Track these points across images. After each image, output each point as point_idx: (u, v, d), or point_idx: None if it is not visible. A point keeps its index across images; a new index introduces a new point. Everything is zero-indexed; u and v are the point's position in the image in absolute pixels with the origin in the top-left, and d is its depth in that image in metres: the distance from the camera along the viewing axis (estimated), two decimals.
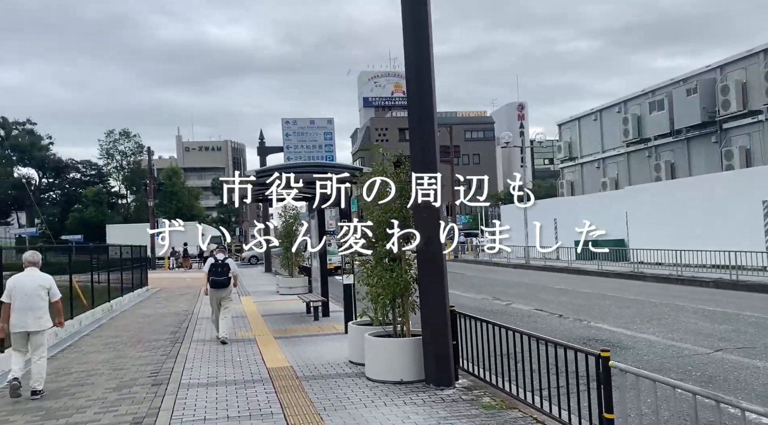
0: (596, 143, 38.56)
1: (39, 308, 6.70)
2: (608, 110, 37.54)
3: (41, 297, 6.73)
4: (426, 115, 6.86)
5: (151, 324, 12.63)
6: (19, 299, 6.61)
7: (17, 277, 6.84)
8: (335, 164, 10.43)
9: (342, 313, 13.07)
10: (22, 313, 6.61)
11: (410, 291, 7.11)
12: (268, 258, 32.60)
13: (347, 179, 10.45)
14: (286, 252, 18.83)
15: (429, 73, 6.86)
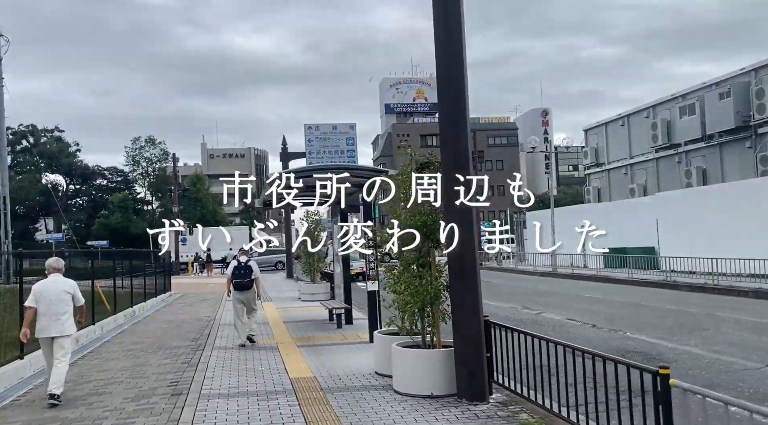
0: (624, 148, 37.73)
1: (63, 314, 6.76)
2: (636, 115, 36.71)
3: (65, 302, 6.80)
4: (459, 112, 6.51)
5: (172, 330, 12.43)
6: (44, 305, 6.69)
7: (42, 283, 6.91)
8: (358, 165, 10.10)
9: (366, 321, 12.73)
10: (47, 319, 6.69)
11: (441, 300, 6.75)
12: (290, 264, 32.42)
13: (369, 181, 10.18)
14: (307, 258, 18.56)
15: (462, 73, 6.52)
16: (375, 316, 10.05)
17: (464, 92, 6.53)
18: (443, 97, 6.64)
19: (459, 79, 6.49)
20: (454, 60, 6.52)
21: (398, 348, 6.86)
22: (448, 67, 6.56)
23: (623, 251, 25.50)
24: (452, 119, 6.52)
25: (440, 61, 6.61)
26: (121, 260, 16.29)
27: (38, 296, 6.72)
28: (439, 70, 6.63)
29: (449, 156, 6.52)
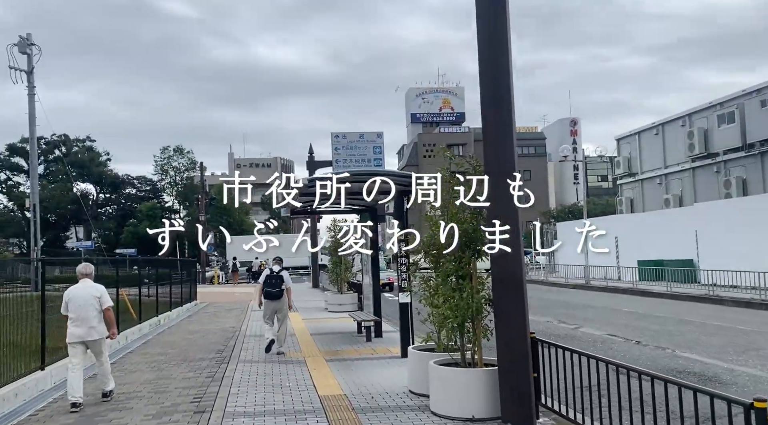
0: (658, 158, 36.64)
1: (93, 318, 6.84)
2: (671, 124, 35.65)
3: (94, 307, 6.86)
4: (504, 109, 6.05)
5: (197, 340, 12.11)
6: (74, 311, 6.79)
7: (71, 289, 7.00)
8: (389, 171, 9.65)
9: (396, 334, 12.25)
10: (78, 323, 6.79)
11: (483, 314, 6.24)
12: (316, 274, 32.12)
13: (403, 189, 9.73)
14: (335, 268, 18.17)
15: (507, 73, 6.06)
16: (407, 330, 9.58)
17: (509, 89, 6.07)
18: (486, 97, 6.18)
19: (504, 83, 6.04)
20: (501, 56, 6.07)
21: (436, 366, 6.37)
22: (494, 66, 6.11)
23: (660, 264, 24.57)
24: (498, 118, 6.05)
25: (485, 62, 6.17)
26: (146, 268, 16.12)
27: (69, 302, 6.84)
28: (483, 76, 6.19)
29: (492, 160, 6.06)
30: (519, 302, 5.85)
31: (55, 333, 8.58)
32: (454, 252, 6.40)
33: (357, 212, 13.53)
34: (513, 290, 5.86)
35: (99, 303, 6.88)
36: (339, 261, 17.94)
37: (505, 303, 5.88)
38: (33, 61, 21.98)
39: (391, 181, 8.04)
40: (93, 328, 6.81)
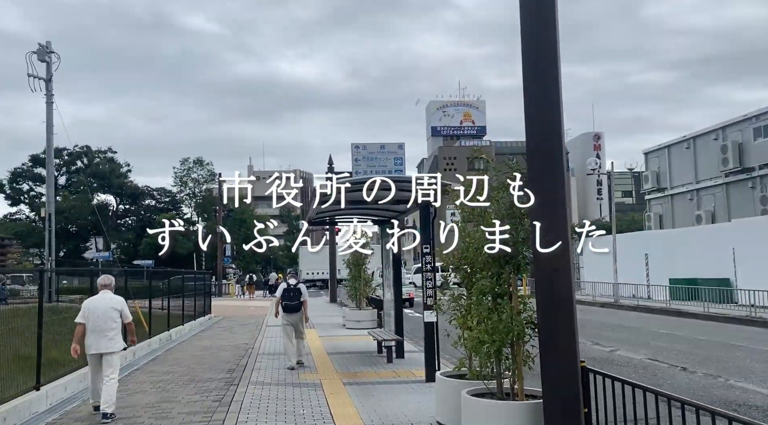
0: (689, 172, 35.42)
1: (111, 330, 6.84)
2: (703, 137, 34.46)
3: (113, 319, 6.88)
4: (554, 109, 5.31)
5: (208, 358, 11.42)
6: (92, 322, 6.79)
7: (91, 300, 7.05)
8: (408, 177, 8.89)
9: (419, 354, 11.44)
10: (95, 335, 6.79)
11: (524, 339, 5.45)
12: (333, 288, 31.39)
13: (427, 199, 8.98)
14: (354, 282, 17.43)
15: (556, 71, 5.34)
16: (433, 352, 8.79)
17: (558, 86, 5.34)
18: (531, 97, 5.46)
19: (553, 84, 5.31)
20: (549, 48, 5.34)
21: (470, 397, 5.57)
22: (543, 62, 5.38)
23: (694, 283, 23.40)
24: (546, 121, 5.31)
25: (529, 58, 5.45)
26: (158, 280, 15.54)
27: (87, 312, 6.82)
28: (527, 77, 5.48)
29: (536, 168, 5.32)
30: (568, 326, 5.06)
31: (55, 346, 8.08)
32: (491, 268, 5.65)
33: (379, 223, 12.82)
34: (562, 314, 5.07)
35: (119, 316, 6.94)
36: (358, 275, 17.20)
37: (553, 327, 5.08)
38: (52, 69, 21.80)
39: (413, 187, 7.33)
40: (110, 340, 6.82)
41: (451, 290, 6.74)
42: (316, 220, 12.46)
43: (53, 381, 7.81)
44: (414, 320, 15.95)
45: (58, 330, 8.44)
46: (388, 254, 12.02)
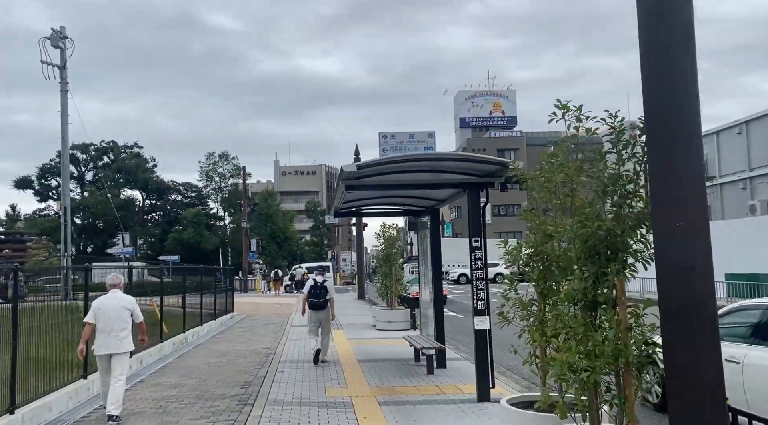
0: (741, 160, 33.03)
1: (121, 330, 6.68)
2: (758, 122, 32.00)
3: (124, 319, 6.73)
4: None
5: (223, 367, 10.11)
6: (103, 322, 6.62)
7: (101, 299, 6.85)
8: (471, 156, 7.41)
9: (462, 362, 9.96)
10: (105, 335, 6.61)
11: (641, 368, 3.92)
12: (361, 284, 30.03)
13: (483, 179, 7.49)
14: (384, 280, 15.99)
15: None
16: (486, 366, 7.31)
17: None
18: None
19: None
20: None
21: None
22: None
23: (754, 278, 21.44)
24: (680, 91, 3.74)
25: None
26: (177, 277, 14.37)
27: (97, 312, 6.65)
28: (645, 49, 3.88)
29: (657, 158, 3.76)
30: (711, 348, 3.52)
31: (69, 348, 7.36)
32: (588, 265, 4.13)
33: (413, 213, 11.34)
34: (701, 329, 3.53)
35: (130, 316, 6.79)
36: (389, 272, 15.76)
37: (687, 349, 3.55)
38: (66, 55, 20.81)
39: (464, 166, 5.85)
40: (121, 341, 6.66)
41: (517, 293, 5.22)
42: (343, 210, 11.03)
43: (31, 402, 6.54)
44: (449, 319, 14.48)
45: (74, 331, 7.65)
46: (425, 249, 10.55)
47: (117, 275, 7.11)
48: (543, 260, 5.08)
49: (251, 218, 60.20)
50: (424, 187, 7.91)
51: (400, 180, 7.63)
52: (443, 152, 6.78)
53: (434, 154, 7.32)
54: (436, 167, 7.47)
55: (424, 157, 7.14)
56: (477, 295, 7.43)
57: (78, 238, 65.61)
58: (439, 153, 6.89)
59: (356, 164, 6.66)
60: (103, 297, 6.89)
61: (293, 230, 69.06)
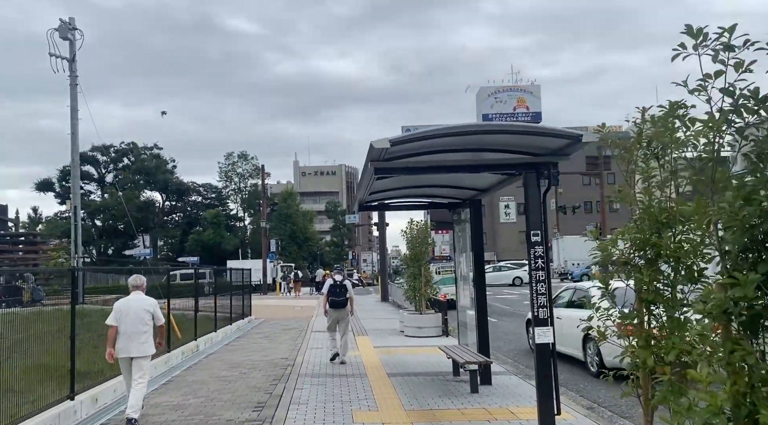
0: None
1: (143, 333, 6.60)
2: None
3: (145, 322, 6.64)
4: None
5: (234, 383, 8.88)
6: (124, 324, 6.54)
7: (123, 301, 6.77)
8: (540, 128, 5.92)
9: (508, 377, 8.62)
10: (127, 338, 6.53)
11: None
12: (385, 286, 28.71)
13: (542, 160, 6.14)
14: (413, 281, 14.67)
15: None
16: (549, 388, 5.95)
17: None
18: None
19: None
20: None
21: None
22: None
23: None
24: None
25: None
26: (183, 278, 13.24)
27: (119, 314, 6.58)
28: None
29: None
30: None
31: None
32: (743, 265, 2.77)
33: (447, 206, 10.00)
34: None
35: (151, 318, 6.70)
36: (418, 273, 14.45)
37: None
38: (75, 47, 19.87)
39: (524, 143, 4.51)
40: (143, 344, 6.59)
41: (613, 300, 3.88)
42: (368, 203, 9.72)
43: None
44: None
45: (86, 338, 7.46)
46: (464, 247, 9.22)
47: (139, 277, 6.99)
48: (649, 257, 3.74)
49: (271, 218, 59.32)
50: (471, 169, 6.56)
51: (442, 161, 6.32)
52: (502, 123, 5.36)
53: (491, 125, 5.84)
54: (488, 144, 6.14)
55: (478, 129, 5.74)
56: (537, 301, 6.07)
57: (99, 240, 65.48)
58: (497, 124, 5.40)
59: (389, 139, 5.35)
60: (124, 299, 6.80)
61: (313, 230, 68.06)
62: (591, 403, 7.33)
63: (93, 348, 7.82)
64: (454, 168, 6.40)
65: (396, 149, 5.59)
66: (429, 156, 6.36)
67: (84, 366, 7.42)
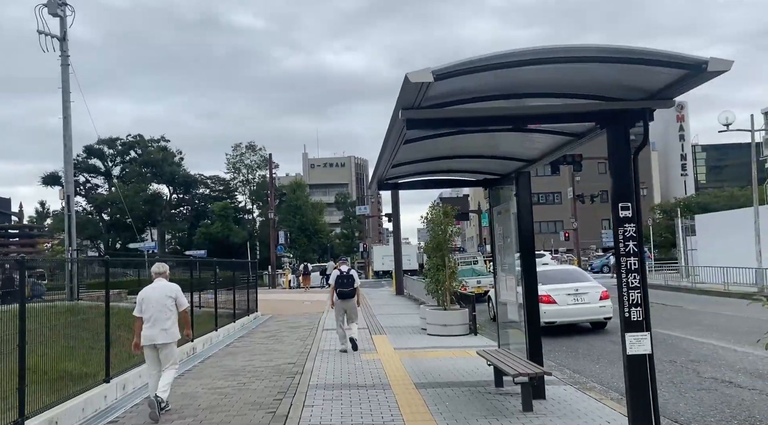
0: None
1: (166, 320, 6.46)
2: None
3: (168, 308, 6.51)
4: None
5: (231, 395, 7.38)
6: (148, 312, 6.45)
7: (146, 290, 6.67)
8: (655, 52, 4.06)
9: (563, 389, 7.05)
10: (150, 325, 6.43)
11: None
12: (400, 278, 27.14)
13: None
14: (436, 273, 13.07)
15: None
16: (648, 410, 4.39)
17: None
18: None
19: None
20: None
21: None
22: None
23: None
24: None
25: None
26: (182, 271, 11.77)
27: (142, 303, 6.50)
28: None
29: None
30: None
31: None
32: None
33: (482, 184, 8.41)
34: None
35: (174, 304, 6.56)
36: (441, 264, 12.87)
37: None
38: (66, 24, 18.38)
39: None
40: (165, 330, 6.42)
41: None
42: (390, 180, 8.14)
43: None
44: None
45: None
46: (506, 231, 7.64)
47: (161, 264, 6.87)
48: None
49: (280, 210, 57.93)
50: (550, 119, 4.88)
51: (496, 110, 4.72)
52: (600, 44, 3.64)
53: (581, 48, 3.95)
54: (558, 85, 4.54)
55: (566, 52, 3.98)
56: (629, 298, 4.50)
57: (107, 234, 64.37)
58: (585, 47, 3.53)
59: (432, 70, 3.76)
60: (147, 287, 6.69)
61: (323, 222, 66.60)
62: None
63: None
64: (522, 119, 4.78)
65: (441, 87, 4.01)
66: (487, 103, 4.78)
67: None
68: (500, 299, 8.07)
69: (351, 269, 10.86)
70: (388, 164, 6.58)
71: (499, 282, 8.04)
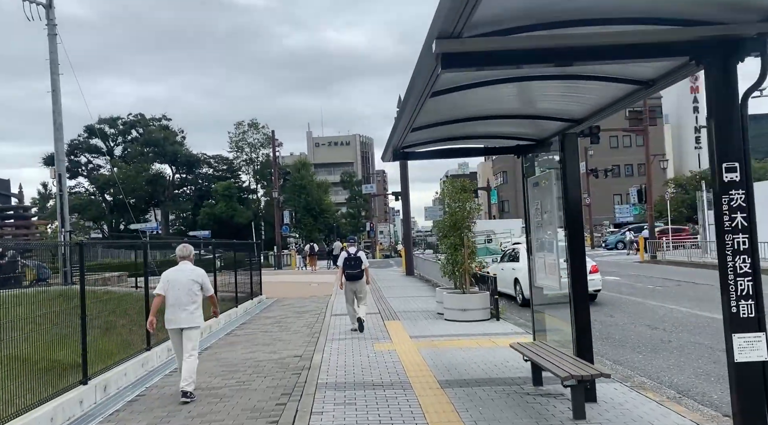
0: None
1: (191, 303, 6.43)
2: None
3: (194, 292, 6.47)
4: None
5: (228, 397, 6.40)
6: (172, 295, 6.40)
7: (171, 271, 6.61)
8: None
9: (616, 389, 6.01)
10: (175, 309, 6.39)
11: None
12: (410, 258, 26.10)
13: None
14: (453, 254, 12.01)
15: None
16: None
17: None
18: None
19: None
20: None
21: None
22: None
23: None
24: None
25: None
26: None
27: (167, 284, 6.44)
28: None
29: None
30: None
31: None
32: None
33: (515, 150, 7.28)
34: None
35: (200, 289, 6.50)
36: (459, 243, 11.81)
37: None
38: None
39: None
40: (191, 314, 6.39)
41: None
42: (407, 148, 7.01)
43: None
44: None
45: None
46: (546, 203, 6.54)
47: (185, 246, 6.75)
48: None
49: (285, 189, 56.84)
50: (637, 53, 3.59)
51: (571, 39, 3.54)
52: None
53: None
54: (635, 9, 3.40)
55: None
56: (738, 287, 3.42)
57: (110, 215, 63.53)
58: None
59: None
60: (172, 269, 6.61)
61: (329, 201, 65.51)
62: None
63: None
64: (602, 52, 3.57)
65: (496, 3, 2.87)
66: (551, 30, 3.62)
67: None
68: (536, 285, 6.99)
69: (359, 251, 10.80)
70: (407, 126, 5.46)
71: (536, 263, 6.96)
